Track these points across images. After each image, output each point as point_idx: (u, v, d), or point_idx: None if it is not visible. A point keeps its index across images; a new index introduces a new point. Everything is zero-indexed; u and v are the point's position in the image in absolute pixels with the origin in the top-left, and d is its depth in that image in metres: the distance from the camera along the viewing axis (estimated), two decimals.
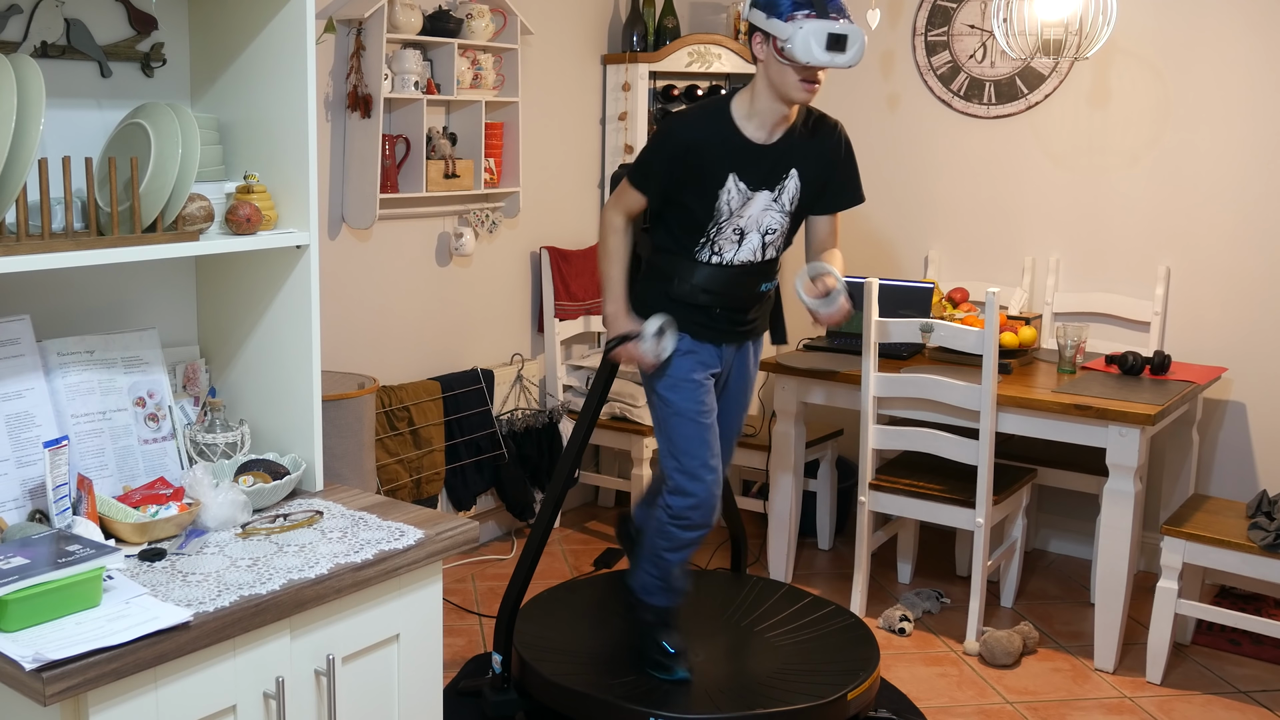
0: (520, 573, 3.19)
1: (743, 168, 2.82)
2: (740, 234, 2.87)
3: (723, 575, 3.75)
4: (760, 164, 2.83)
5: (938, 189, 4.72)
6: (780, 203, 2.86)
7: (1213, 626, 3.83)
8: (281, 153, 2.16)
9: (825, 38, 2.62)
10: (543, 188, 4.65)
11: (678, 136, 2.84)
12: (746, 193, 2.83)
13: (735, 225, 2.86)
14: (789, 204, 2.87)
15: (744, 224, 2.86)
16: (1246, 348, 4.15)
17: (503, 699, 3.15)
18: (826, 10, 2.65)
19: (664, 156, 2.85)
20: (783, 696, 2.94)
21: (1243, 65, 4.07)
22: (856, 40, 2.66)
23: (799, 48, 2.64)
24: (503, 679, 3.18)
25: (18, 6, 2.02)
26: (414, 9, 3.89)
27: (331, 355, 3.89)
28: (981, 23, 4.54)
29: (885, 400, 3.79)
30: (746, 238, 2.87)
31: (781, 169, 2.85)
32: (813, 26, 2.62)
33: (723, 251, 2.89)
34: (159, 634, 1.60)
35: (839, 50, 2.64)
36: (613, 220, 2.95)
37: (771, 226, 2.88)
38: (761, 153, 2.83)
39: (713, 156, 2.81)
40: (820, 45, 2.63)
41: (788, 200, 2.87)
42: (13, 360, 2.00)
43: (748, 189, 2.83)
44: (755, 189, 2.84)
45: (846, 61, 2.66)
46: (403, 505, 2.16)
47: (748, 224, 2.86)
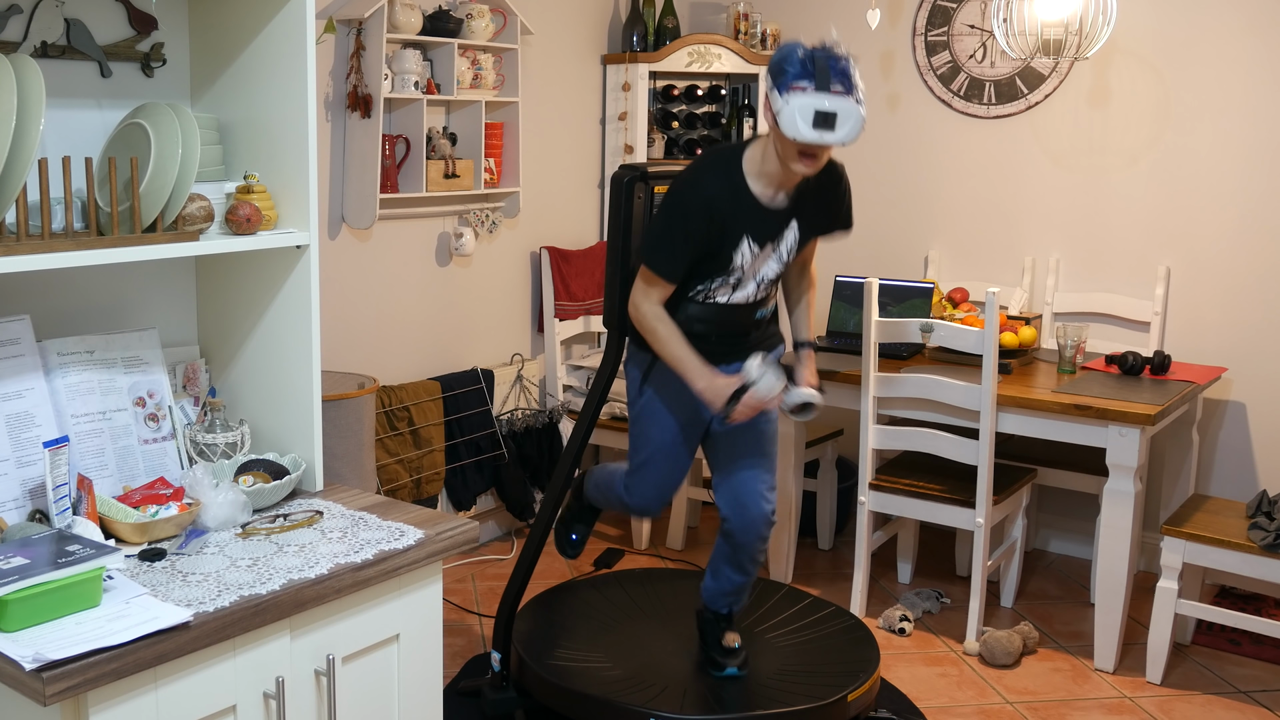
0: (520, 571, 3.19)
1: (755, 228, 2.79)
2: (738, 282, 2.85)
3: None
4: (769, 223, 2.80)
5: (938, 189, 4.72)
6: (779, 253, 2.84)
7: (1213, 626, 3.83)
8: (281, 153, 2.16)
9: (812, 115, 2.54)
10: (543, 188, 4.65)
11: (697, 204, 2.74)
12: (757, 251, 2.81)
13: (737, 276, 2.84)
14: (786, 254, 2.85)
15: (745, 275, 2.85)
16: (1246, 348, 4.15)
17: (501, 697, 3.15)
18: (828, 84, 2.54)
19: (683, 227, 2.75)
20: (783, 697, 2.94)
21: (1242, 65, 4.07)
22: (849, 118, 2.55)
23: (785, 123, 2.56)
24: (502, 677, 3.18)
25: (18, 6, 2.02)
26: (414, 9, 3.89)
27: (331, 355, 3.89)
28: (981, 23, 4.54)
29: (885, 400, 3.79)
30: (743, 286, 2.86)
31: (784, 223, 2.83)
32: (800, 103, 2.53)
33: (716, 296, 2.87)
34: (159, 634, 1.60)
35: (828, 128, 2.55)
36: (652, 311, 2.84)
37: (768, 275, 2.86)
38: (773, 213, 2.80)
39: (731, 220, 2.76)
40: (807, 122, 2.54)
41: (785, 251, 2.85)
42: (13, 360, 2.00)
43: (759, 248, 2.81)
44: (764, 245, 2.81)
45: (836, 140, 2.56)
46: (403, 505, 2.16)
47: (747, 275, 2.85)
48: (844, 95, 2.55)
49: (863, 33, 4.74)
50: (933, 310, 4.10)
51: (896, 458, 4.13)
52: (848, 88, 2.57)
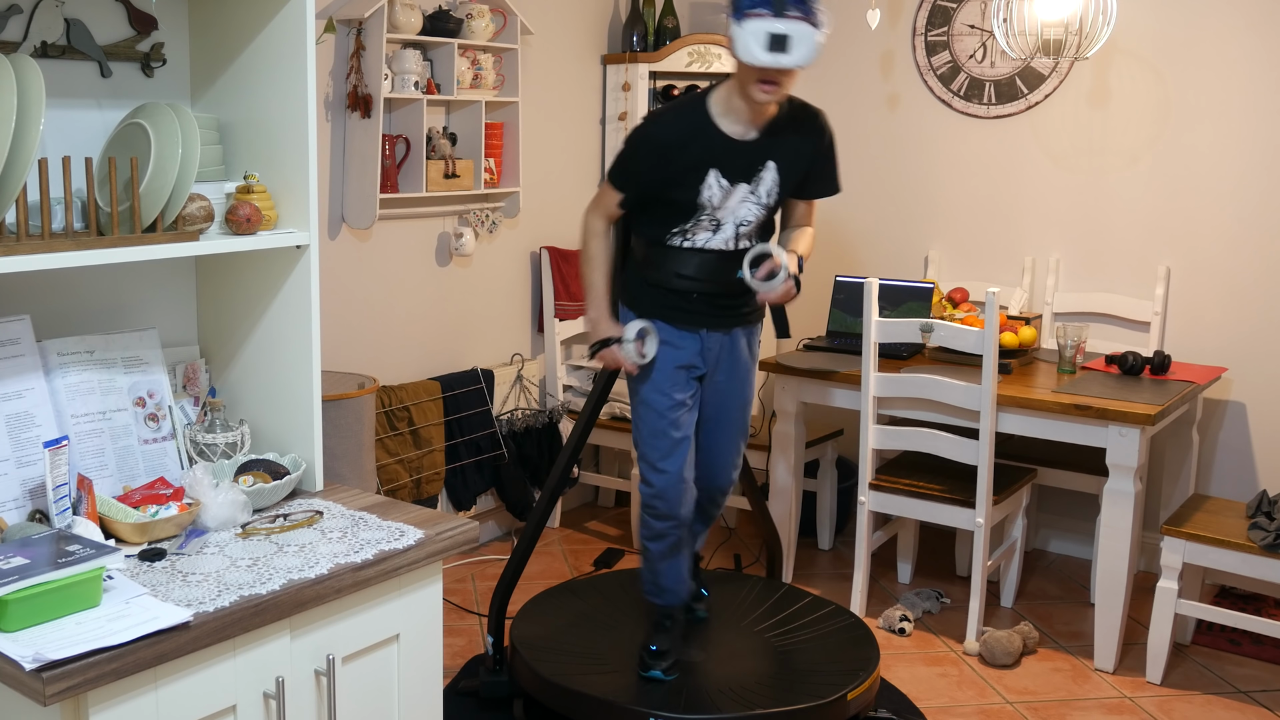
0: (516, 556, 3.25)
1: (723, 163, 2.82)
2: (716, 224, 2.87)
3: (722, 575, 3.75)
4: (739, 159, 2.82)
5: (938, 189, 4.72)
6: (757, 194, 2.86)
7: (1213, 626, 3.83)
8: (281, 153, 2.16)
9: (765, 38, 2.55)
10: (543, 188, 4.65)
11: (656, 138, 2.84)
12: (727, 187, 2.83)
13: (713, 217, 2.86)
14: (765, 196, 2.87)
15: (721, 215, 2.86)
16: (1246, 348, 4.15)
17: (495, 680, 3.19)
18: (784, 8, 2.56)
19: (643, 158, 2.86)
20: (783, 696, 2.94)
21: (1243, 65, 4.07)
22: (803, 40, 2.57)
23: (740, 48, 2.60)
24: (495, 660, 3.21)
25: (18, 6, 2.02)
26: (414, 9, 3.89)
27: (331, 355, 3.89)
28: (981, 23, 4.54)
29: (885, 400, 3.79)
30: (722, 228, 2.87)
31: (759, 162, 2.84)
32: (753, 26, 2.56)
33: (695, 239, 2.89)
34: (159, 634, 1.60)
35: (781, 50, 2.56)
36: (593, 225, 2.99)
37: (747, 218, 2.87)
38: (740, 148, 2.82)
39: (693, 154, 2.81)
40: (761, 45, 2.56)
41: (764, 193, 2.86)
42: (13, 360, 2.00)
43: (728, 184, 2.83)
44: (735, 182, 2.83)
45: (792, 62, 2.58)
46: (403, 505, 2.16)
47: (725, 215, 2.86)
48: (800, 19, 2.58)
49: (863, 33, 4.74)
50: (933, 310, 4.10)
51: (896, 458, 4.13)
52: (805, 12, 2.59)
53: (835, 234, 4.95)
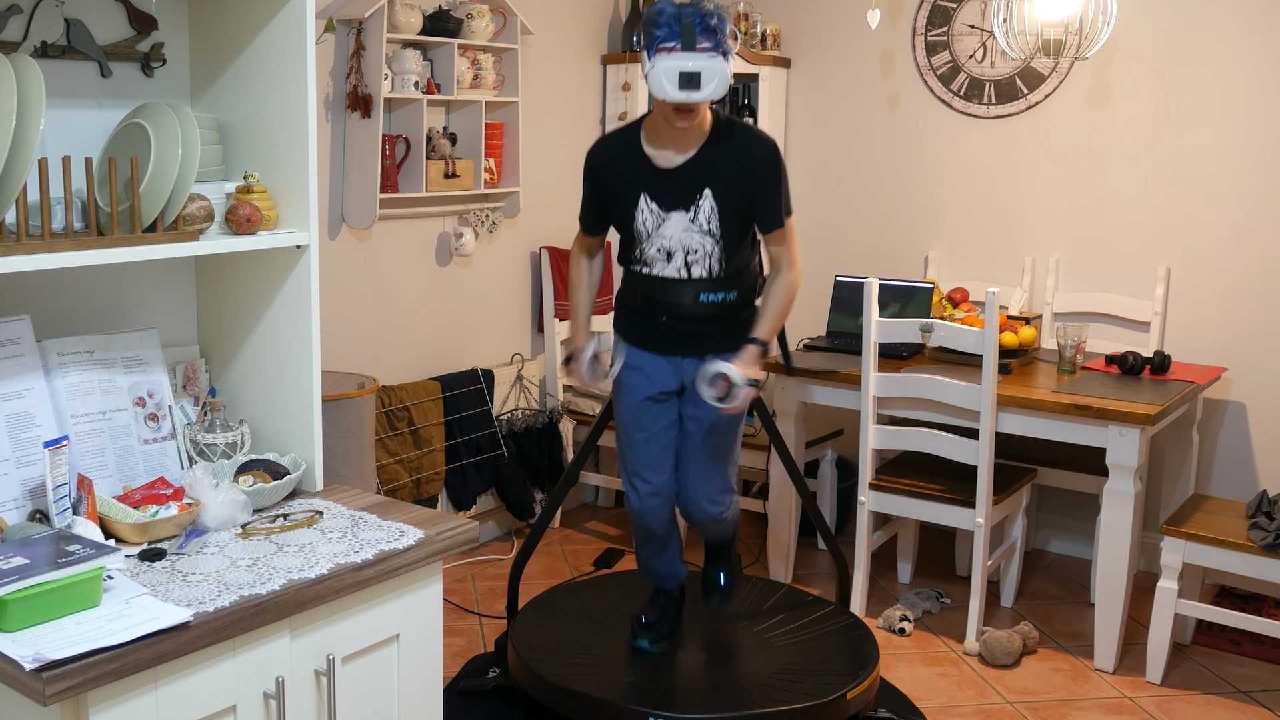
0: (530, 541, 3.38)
1: (651, 189, 2.84)
2: (667, 253, 2.88)
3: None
4: (670, 185, 2.82)
5: (938, 189, 4.72)
6: (698, 223, 2.83)
7: (1213, 626, 3.83)
8: (281, 153, 2.16)
9: (677, 76, 2.61)
10: (543, 188, 4.65)
11: (591, 162, 2.95)
12: (660, 214, 2.84)
13: (658, 244, 2.88)
14: (707, 224, 2.84)
15: (666, 244, 2.87)
16: (1246, 348, 4.15)
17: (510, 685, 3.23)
18: (694, 43, 2.60)
19: (587, 184, 2.98)
20: (782, 696, 2.94)
21: (1243, 65, 4.07)
22: (713, 76, 2.61)
23: (653, 85, 2.65)
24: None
25: (18, 6, 2.03)
26: (414, 9, 3.89)
27: (331, 355, 3.90)
28: (981, 23, 4.54)
29: (885, 400, 3.79)
30: (673, 256, 2.88)
31: (694, 189, 2.82)
32: (664, 66, 2.61)
33: (652, 266, 2.92)
34: (159, 634, 1.60)
35: (693, 87, 2.61)
36: (575, 258, 3.13)
37: (693, 247, 2.85)
38: (669, 175, 2.82)
39: (623, 179, 2.86)
40: (673, 83, 2.62)
41: (704, 220, 2.83)
42: (13, 360, 2.00)
43: (660, 210, 2.84)
44: (668, 210, 2.83)
45: (702, 98, 2.63)
46: (403, 505, 2.16)
47: (671, 244, 2.86)
48: (710, 53, 2.61)
49: (863, 33, 4.74)
50: (933, 310, 4.10)
51: (896, 458, 4.13)
52: (714, 44, 2.62)
53: (835, 234, 4.95)
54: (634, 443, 3.03)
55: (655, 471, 3.03)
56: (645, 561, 3.24)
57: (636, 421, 3.02)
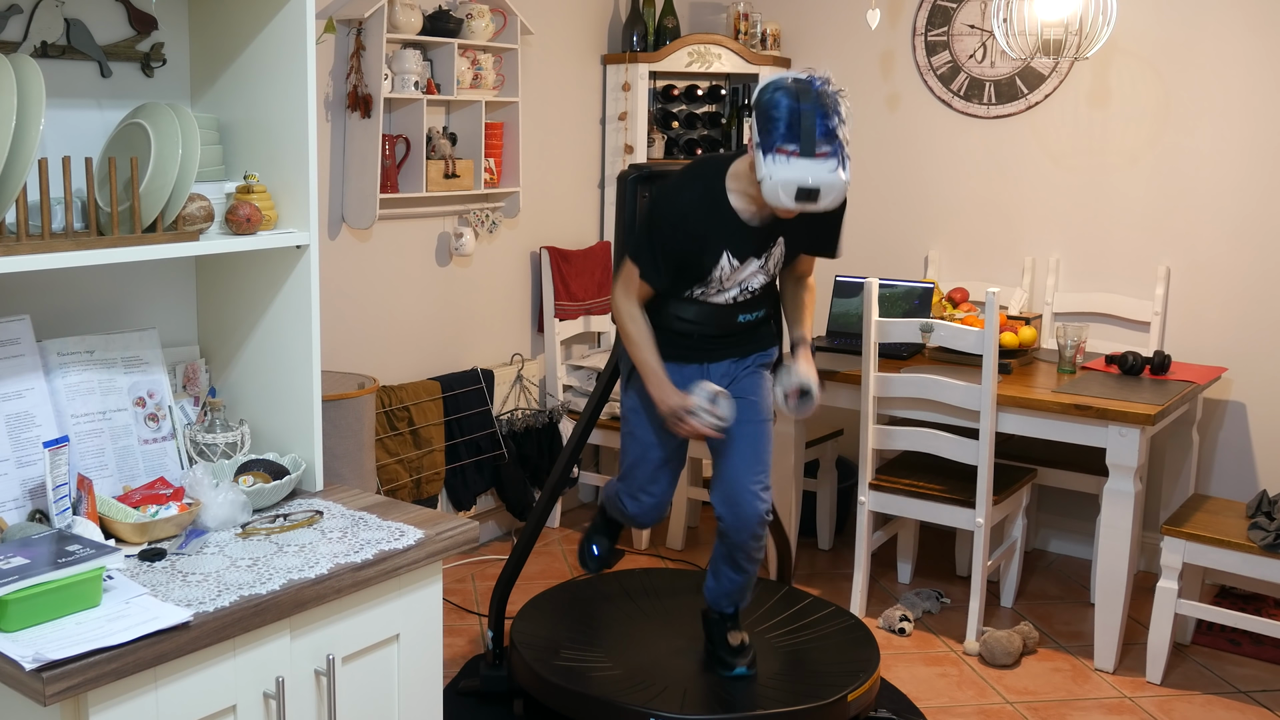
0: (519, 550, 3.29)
1: (735, 244, 2.80)
2: (720, 287, 2.88)
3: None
4: (754, 240, 2.81)
5: (938, 189, 4.72)
6: (766, 267, 2.87)
7: (1213, 626, 3.83)
8: (281, 153, 2.16)
9: (795, 190, 2.52)
10: (543, 188, 4.65)
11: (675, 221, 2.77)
12: (737, 265, 2.83)
13: (719, 285, 2.87)
14: (773, 267, 2.88)
15: (728, 284, 2.87)
16: (1246, 348, 4.15)
17: (494, 674, 3.22)
18: (814, 147, 2.50)
19: (660, 240, 2.79)
20: (783, 697, 2.94)
21: (1243, 65, 4.07)
22: (830, 191, 2.52)
23: (768, 193, 2.55)
24: (495, 655, 3.24)
25: (18, 6, 2.02)
26: (414, 9, 3.89)
27: (331, 355, 3.89)
28: (981, 23, 4.54)
29: (885, 400, 3.79)
30: (726, 291, 2.88)
31: (771, 240, 2.83)
32: (783, 177, 2.51)
33: (704, 296, 2.90)
34: (159, 634, 1.60)
35: (810, 201, 2.54)
36: (628, 310, 2.91)
37: (752, 285, 2.88)
38: (753, 232, 2.80)
39: (711, 237, 2.78)
40: (790, 196, 2.53)
41: (772, 265, 2.88)
42: (13, 360, 2.00)
43: (739, 262, 2.83)
44: (744, 260, 2.83)
45: (817, 209, 2.57)
46: (403, 505, 2.16)
47: (730, 283, 2.87)
48: (829, 158, 2.51)
49: (863, 33, 4.74)
50: (933, 310, 4.10)
51: (896, 458, 4.13)
52: (834, 149, 2.52)
53: None
54: (648, 460, 3.04)
55: (661, 485, 3.08)
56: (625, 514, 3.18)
57: (660, 438, 3.01)
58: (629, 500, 3.11)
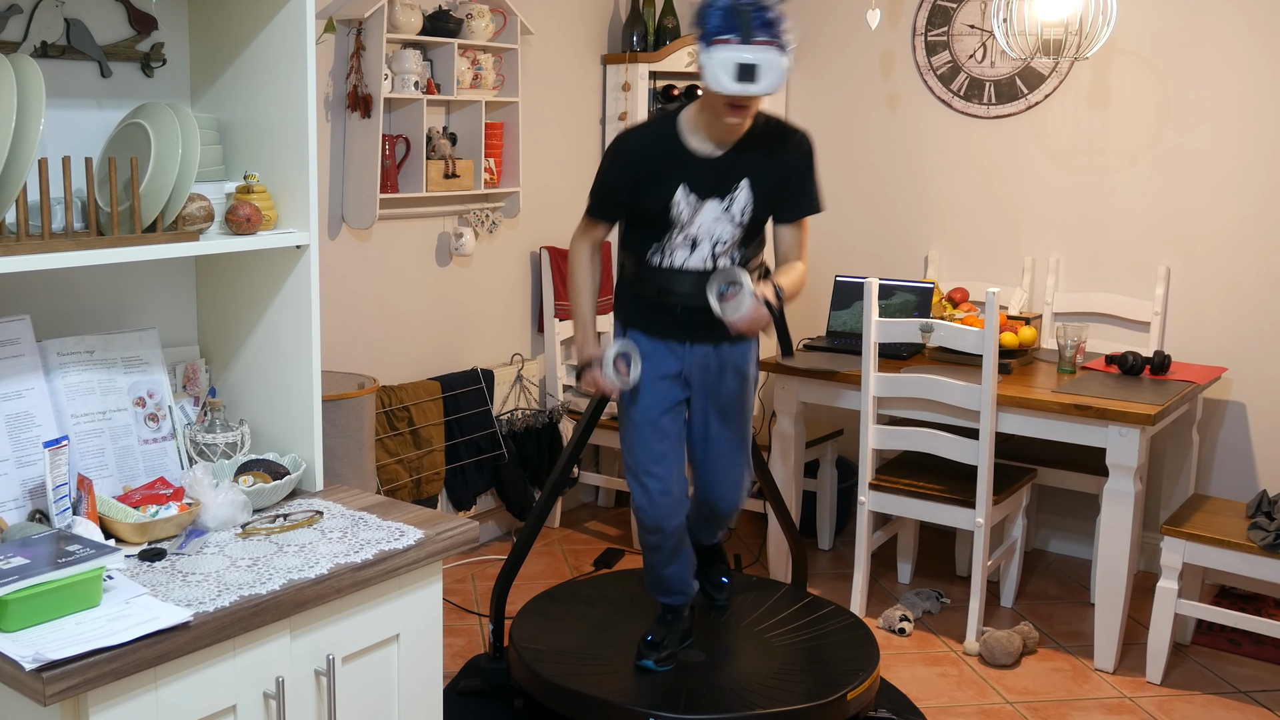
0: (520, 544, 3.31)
1: (691, 178, 2.82)
2: (692, 242, 2.87)
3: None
4: (709, 175, 2.82)
5: (938, 189, 4.72)
6: (731, 213, 2.84)
7: (1213, 626, 3.83)
8: (281, 153, 2.16)
9: (734, 68, 2.57)
10: (543, 188, 4.65)
11: (625, 149, 2.88)
12: (696, 203, 2.83)
13: (685, 233, 2.86)
14: (739, 214, 2.85)
15: (695, 232, 2.86)
16: (1246, 348, 4.15)
17: (495, 667, 3.23)
18: (751, 35, 2.57)
19: (616, 176, 2.89)
20: (782, 696, 2.94)
21: (1243, 65, 4.07)
22: (771, 69, 2.57)
23: (708, 76, 2.62)
24: (495, 649, 3.25)
25: (18, 6, 2.03)
26: (414, 9, 3.89)
27: (331, 355, 3.89)
28: (981, 23, 4.54)
29: (885, 400, 3.79)
30: (698, 246, 2.87)
31: (732, 179, 2.83)
32: (721, 57, 2.57)
33: (674, 257, 2.90)
34: (159, 634, 1.60)
35: (750, 80, 2.58)
36: (578, 252, 3.03)
37: (722, 237, 2.86)
38: (710, 164, 2.82)
39: (663, 169, 2.83)
40: (729, 75, 2.58)
41: (738, 211, 2.84)
42: (13, 360, 2.00)
43: (697, 199, 2.82)
44: (704, 198, 2.83)
45: (760, 91, 2.60)
46: (403, 505, 2.16)
47: (699, 233, 2.86)
48: (768, 46, 2.58)
49: (863, 33, 4.74)
50: (933, 310, 4.10)
51: (896, 458, 4.13)
52: (772, 36, 2.59)
53: (835, 234, 4.95)
54: (642, 436, 2.98)
55: (665, 466, 2.97)
56: (656, 570, 3.13)
57: (646, 414, 2.97)
58: (638, 490, 3.01)
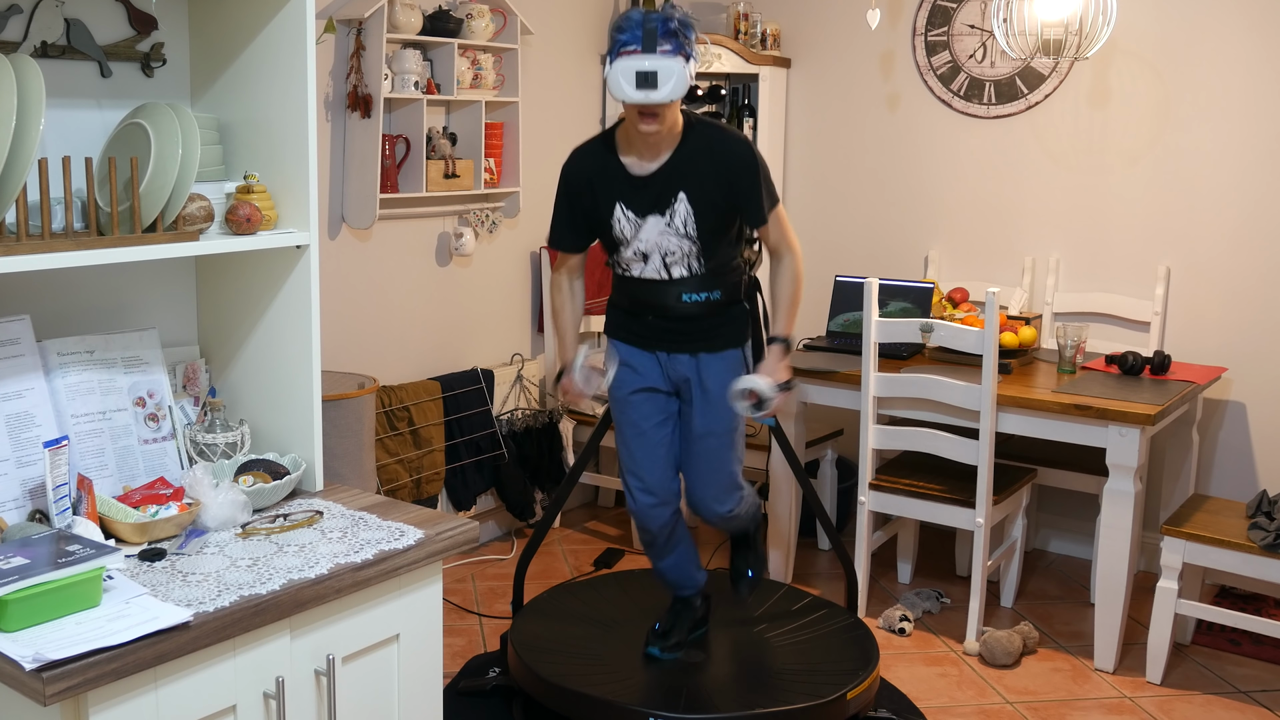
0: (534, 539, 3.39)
1: (626, 197, 2.84)
2: (644, 256, 2.89)
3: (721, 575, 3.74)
4: (642, 192, 2.83)
5: (938, 189, 4.72)
6: (674, 226, 2.84)
7: (1213, 626, 3.83)
8: (281, 153, 2.16)
9: (634, 76, 2.63)
10: (543, 188, 4.64)
11: (567, 174, 2.93)
12: (635, 220, 2.85)
13: (634, 249, 2.89)
14: (683, 227, 2.84)
15: (643, 247, 2.88)
16: (1246, 348, 4.15)
17: None
18: (654, 45, 2.63)
19: (562, 199, 2.94)
20: (782, 696, 2.94)
21: (1243, 65, 4.07)
22: (670, 75, 2.62)
23: (612, 86, 2.67)
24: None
25: (18, 6, 2.03)
26: (414, 9, 3.89)
27: (331, 355, 3.89)
28: (981, 23, 4.54)
29: (885, 400, 3.79)
30: (649, 259, 2.89)
31: (669, 194, 2.82)
32: (622, 66, 2.63)
33: (631, 269, 2.93)
34: (159, 634, 1.60)
35: (650, 86, 2.63)
36: (554, 280, 3.11)
37: (669, 249, 2.86)
38: (641, 182, 2.83)
39: (600, 189, 2.87)
40: (630, 84, 2.63)
41: (680, 224, 2.84)
42: (13, 360, 2.00)
43: (636, 216, 2.85)
44: (644, 215, 2.84)
45: (661, 98, 2.63)
46: (403, 505, 2.16)
47: (647, 247, 2.87)
48: (670, 55, 2.64)
49: (863, 33, 4.74)
50: (933, 310, 4.10)
51: (896, 458, 4.13)
52: (675, 46, 2.65)
53: (835, 234, 4.95)
54: (627, 439, 3.03)
55: (649, 469, 3.01)
56: (655, 564, 3.21)
57: (628, 417, 3.02)
58: (626, 489, 3.06)
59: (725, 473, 3.04)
